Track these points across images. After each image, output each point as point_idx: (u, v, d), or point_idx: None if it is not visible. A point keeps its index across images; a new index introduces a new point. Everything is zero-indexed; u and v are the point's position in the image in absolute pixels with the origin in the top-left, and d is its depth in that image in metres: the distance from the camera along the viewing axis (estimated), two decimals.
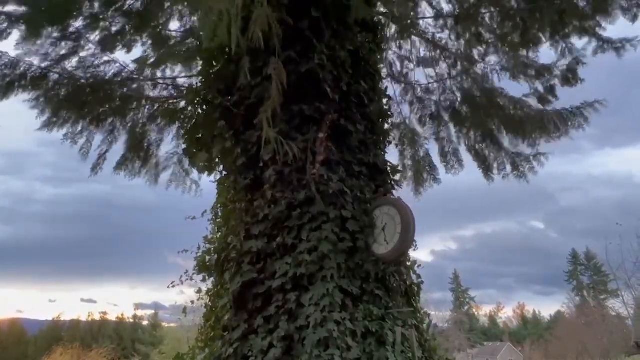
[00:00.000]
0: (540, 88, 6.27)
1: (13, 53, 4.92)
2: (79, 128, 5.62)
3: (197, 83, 4.62)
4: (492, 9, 6.11)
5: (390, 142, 4.88)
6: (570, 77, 6.00)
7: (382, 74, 6.03)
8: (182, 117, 5.27)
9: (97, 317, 58.12)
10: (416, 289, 3.93)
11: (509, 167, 6.49)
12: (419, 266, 4.19)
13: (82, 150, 5.65)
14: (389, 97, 5.04)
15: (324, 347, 3.04)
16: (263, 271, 3.48)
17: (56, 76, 5.12)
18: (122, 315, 59.07)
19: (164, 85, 5.73)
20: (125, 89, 5.51)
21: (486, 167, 6.56)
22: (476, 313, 71.11)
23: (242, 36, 3.23)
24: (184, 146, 4.75)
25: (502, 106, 6.40)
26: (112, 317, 58.48)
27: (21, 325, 56.88)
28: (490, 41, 6.57)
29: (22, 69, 4.90)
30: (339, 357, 2.99)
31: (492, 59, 6.65)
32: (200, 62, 4.70)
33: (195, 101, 4.55)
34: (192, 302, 3.84)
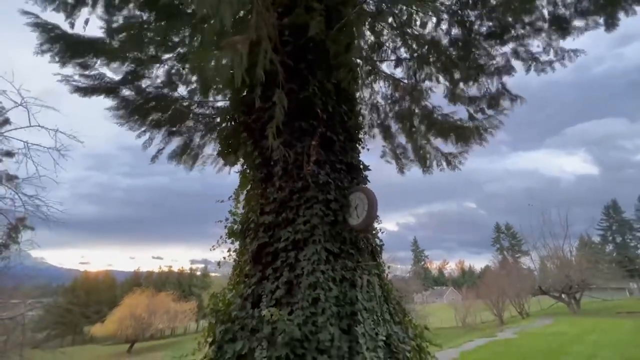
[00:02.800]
0: (471, 110, 6.29)
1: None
2: (144, 129, 5.64)
3: (227, 106, 4.62)
4: (438, 57, 6.11)
5: (363, 147, 4.89)
6: (493, 103, 6.03)
7: (359, 99, 6.04)
8: (217, 129, 5.28)
9: (164, 269, 58.50)
10: (379, 249, 3.97)
11: (444, 163, 6.52)
12: (382, 232, 4.24)
13: (145, 144, 5.66)
14: (362, 116, 5.03)
15: (313, 289, 3.10)
16: (272, 237, 3.52)
17: (126, 91, 5.13)
18: (182, 268, 59.38)
19: (207, 107, 5.71)
20: (177, 106, 5.50)
21: (425, 164, 6.57)
22: (429, 266, 71.33)
23: (253, 74, 3.25)
24: (218, 148, 4.76)
25: (438, 120, 6.42)
26: (174, 269, 58.80)
27: (111, 275, 57.29)
28: (437, 77, 6.57)
29: (104, 80, 4.91)
30: (323, 296, 3.05)
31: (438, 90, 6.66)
32: (230, 92, 4.70)
33: (227, 118, 4.58)
34: (224, 257, 3.84)
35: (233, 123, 4.47)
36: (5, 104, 13.41)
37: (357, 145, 4.48)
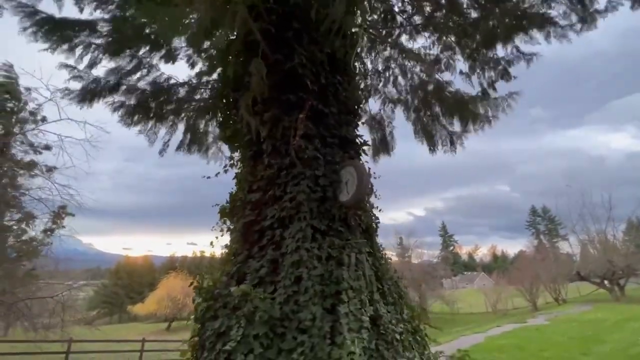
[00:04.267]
0: (485, 84, 5.76)
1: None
2: (149, 125, 5.67)
3: (219, 84, 4.50)
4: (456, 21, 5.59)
5: (362, 122, 4.62)
6: (506, 73, 5.49)
7: (362, 70, 5.69)
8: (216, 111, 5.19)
9: (197, 254, 61.40)
10: (375, 226, 3.74)
11: (448, 143, 6.06)
12: (380, 210, 4.00)
13: (150, 140, 5.70)
14: (362, 89, 4.71)
15: (296, 267, 2.97)
16: (259, 215, 3.41)
17: (124, 87, 5.14)
18: (213, 253, 61.73)
19: (203, 90, 5.63)
20: (178, 95, 5.46)
21: (432, 143, 6.13)
22: (459, 252, 69.45)
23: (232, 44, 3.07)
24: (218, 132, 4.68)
25: (447, 96, 5.94)
26: (206, 254, 61.46)
27: (150, 259, 61.09)
28: (454, 46, 6.04)
29: (102, 83, 4.96)
30: (306, 274, 2.91)
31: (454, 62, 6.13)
32: (220, 68, 4.56)
33: (220, 97, 4.46)
34: (217, 237, 3.77)
35: (224, 101, 4.34)
36: (32, 100, 14.15)
37: (354, 118, 4.22)
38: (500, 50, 5.36)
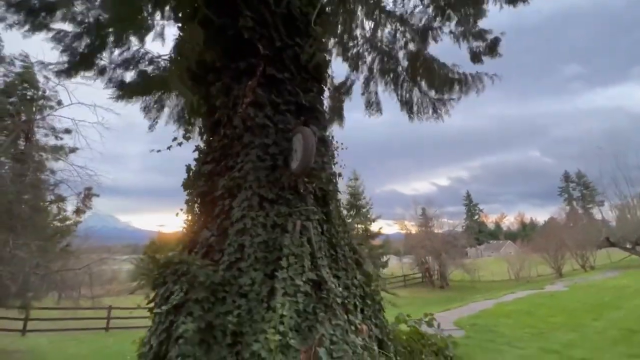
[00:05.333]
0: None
1: None
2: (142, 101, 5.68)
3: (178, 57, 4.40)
4: None
5: (327, 88, 4.42)
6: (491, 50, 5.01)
7: (339, 36, 5.36)
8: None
9: None
10: (331, 194, 3.65)
11: (430, 110, 5.68)
12: (341, 177, 3.91)
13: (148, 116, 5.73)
14: (328, 52, 4.46)
15: (240, 235, 2.99)
16: (213, 186, 3.42)
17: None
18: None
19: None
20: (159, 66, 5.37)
21: (411, 111, 5.75)
22: (485, 221, 67.73)
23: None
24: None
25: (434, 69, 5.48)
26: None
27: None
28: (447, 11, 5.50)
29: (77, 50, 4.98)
30: (249, 242, 2.94)
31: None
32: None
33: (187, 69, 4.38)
34: (181, 209, 3.84)
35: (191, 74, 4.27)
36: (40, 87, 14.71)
37: (316, 84, 4.03)
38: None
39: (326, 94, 5.49)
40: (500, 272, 33.56)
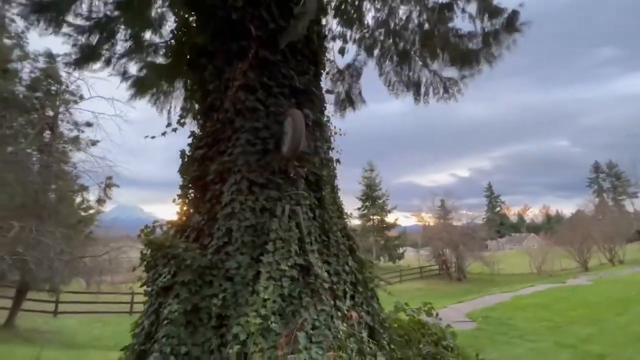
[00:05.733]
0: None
1: None
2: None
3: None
4: None
5: (327, 72, 4.29)
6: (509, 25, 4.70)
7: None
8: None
9: None
10: (324, 179, 3.54)
11: (441, 90, 5.38)
12: (338, 162, 3.80)
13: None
14: (325, 35, 4.32)
15: (229, 219, 2.97)
16: (204, 171, 3.41)
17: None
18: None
19: None
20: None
21: (418, 92, 5.46)
22: (507, 213, 65.56)
23: None
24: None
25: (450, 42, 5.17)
26: None
27: None
28: None
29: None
30: (236, 226, 2.92)
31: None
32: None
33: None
34: (177, 195, 3.86)
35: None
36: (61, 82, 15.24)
37: (311, 67, 3.91)
38: None
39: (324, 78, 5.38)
40: (522, 265, 32.56)
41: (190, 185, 3.46)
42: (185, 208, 3.48)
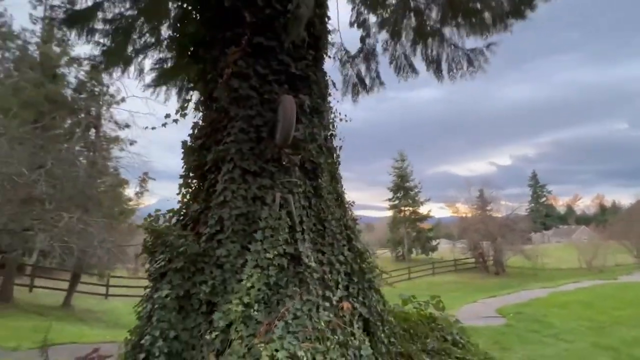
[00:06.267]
0: None
1: None
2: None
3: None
4: None
5: (328, 56, 4.13)
6: None
7: None
8: None
9: None
10: (321, 166, 3.41)
11: (465, 64, 4.93)
12: (341, 151, 3.68)
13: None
14: (329, 17, 4.14)
15: (221, 207, 2.98)
16: (204, 160, 3.43)
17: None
18: None
19: None
20: None
21: (439, 69, 5.05)
22: (554, 203, 60.88)
23: None
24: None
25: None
26: None
27: None
28: None
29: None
30: (227, 214, 2.91)
31: None
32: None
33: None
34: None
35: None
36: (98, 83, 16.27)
37: (311, 51, 3.77)
38: None
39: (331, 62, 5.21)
40: (569, 260, 30.22)
41: (189, 174, 3.52)
42: (186, 197, 3.56)
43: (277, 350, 1.89)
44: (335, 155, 3.88)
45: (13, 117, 12.49)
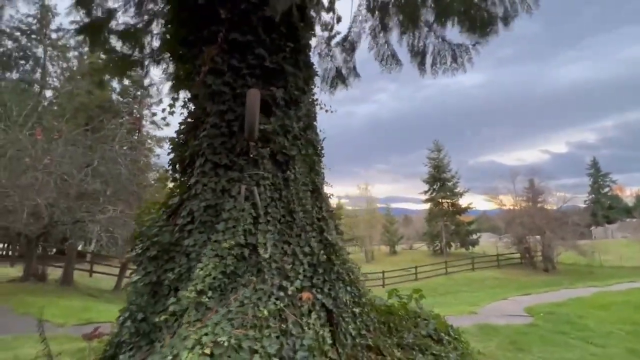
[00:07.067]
0: None
1: None
2: None
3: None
4: None
5: (309, 50, 4.10)
6: None
7: None
8: None
9: None
10: (292, 159, 3.40)
11: (448, 59, 4.54)
12: (323, 142, 3.66)
13: None
14: (306, 6, 4.07)
15: (192, 199, 3.13)
16: (185, 155, 3.60)
17: None
18: None
19: None
20: None
21: (422, 62, 4.70)
22: (619, 194, 54.46)
23: None
24: None
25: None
26: None
27: None
28: None
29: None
30: (197, 206, 3.05)
31: None
32: None
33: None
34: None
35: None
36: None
37: (289, 44, 3.76)
38: None
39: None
40: (634, 257, 27.10)
41: (172, 168, 3.72)
42: (170, 190, 3.78)
43: (206, 335, 1.97)
44: (316, 146, 3.85)
45: (67, 122, 14.02)
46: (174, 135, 3.86)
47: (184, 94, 4.90)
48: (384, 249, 40.90)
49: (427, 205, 36.06)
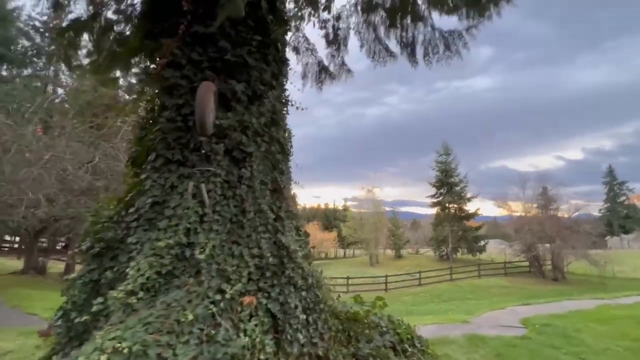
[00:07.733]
0: None
1: None
2: None
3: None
4: None
5: (284, 44, 3.97)
6: None
7: None
8: None
9: (322, 206, 67.43)
10: (248, 156, 3.25)
11: (441, 48, 4.30)
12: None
13: None
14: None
15: (140, 196, 3.02)
16: (139, 149, 3.49)
17: None
18: (326, 203, 67.42)
19: None
20: None
21: (413, 54, 4.48)
22: (637, 203, 52.46)
23: None
24: None
25: None
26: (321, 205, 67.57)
27: None
28: None
29: None
30: (142, 202, 2.95)
31: None
32: None
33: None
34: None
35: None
36: None
37: (257, 36, 3.62)
38: None
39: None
40: None
41: (130, 164, 3.62)
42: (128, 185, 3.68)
43: (112, 340, 1.83)
44: (282, 144, 3.70)
45: (72, 119, 14.26)
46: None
47: None
48: (389, 253, 40.35)
49: (435, 210, 35.41)
